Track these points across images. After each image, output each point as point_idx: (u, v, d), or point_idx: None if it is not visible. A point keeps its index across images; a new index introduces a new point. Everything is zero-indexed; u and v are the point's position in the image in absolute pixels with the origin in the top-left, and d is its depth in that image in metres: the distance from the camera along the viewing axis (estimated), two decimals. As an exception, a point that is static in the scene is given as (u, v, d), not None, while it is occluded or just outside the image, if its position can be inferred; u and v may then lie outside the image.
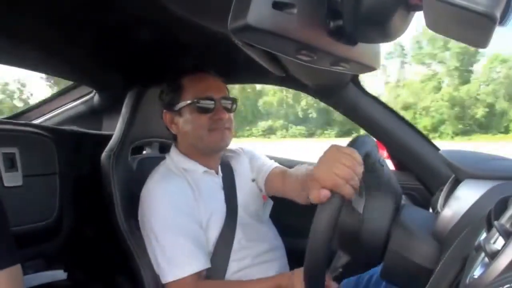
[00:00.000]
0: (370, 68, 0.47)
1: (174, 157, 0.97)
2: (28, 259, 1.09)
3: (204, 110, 0.91)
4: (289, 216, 1.10)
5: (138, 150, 1.16)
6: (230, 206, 0.96)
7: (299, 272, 0.74)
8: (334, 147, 0.65)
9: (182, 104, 0.93)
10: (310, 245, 0.58)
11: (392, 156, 1.29)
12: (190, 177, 0.94)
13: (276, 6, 0.34)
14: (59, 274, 1.20)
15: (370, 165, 0.67)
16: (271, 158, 1.13)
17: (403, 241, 0.64)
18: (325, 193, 0.58)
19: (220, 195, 0.97)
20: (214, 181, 0.98)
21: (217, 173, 1.00)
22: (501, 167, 0.67)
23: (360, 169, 0.62)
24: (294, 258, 1.07)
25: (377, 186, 0.68)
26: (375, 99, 1.12)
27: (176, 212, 0.87)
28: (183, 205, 0.88)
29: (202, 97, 0.91)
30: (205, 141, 0.92)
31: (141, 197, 0.92)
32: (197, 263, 0.85)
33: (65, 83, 1.51)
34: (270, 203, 1.06)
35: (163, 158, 1.00)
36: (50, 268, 1.18)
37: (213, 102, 0.92)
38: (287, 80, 1.16)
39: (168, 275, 0.84)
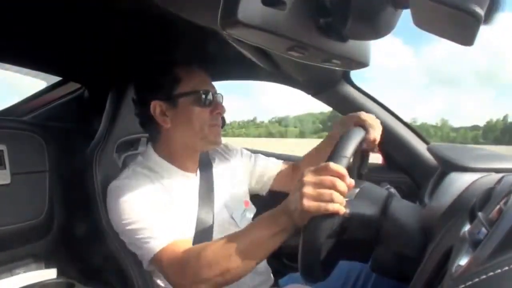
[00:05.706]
0: (361, 64, 0.48)
1: (150, 157, 0.91)
2: (18, 259, 1.07)
3: (205, 103, 0.88)
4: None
5: (129, 147, 1.14)
6: (204, 210, 0.90)
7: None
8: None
9: (179, 94, 0.88)
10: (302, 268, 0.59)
11: (381, 150, 1.32)
12: (162, 179, 0.87)
13: (266, 2, 0.34)
14: (50, 273, 1.18)
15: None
16: (269, 155, 1.13)
17: (392, 233, 0.66)
18: None
19: (195, 199, 0.91)
20: (189, 184, 0.92)
21: (195, 174, 0.95)
22: (485, 160, 0.69)
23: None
24: (276, 257, 1.08)
25: (359, 196, 0.68)
26: (366, 94, 1.14)
27: (143, 208, 0.80)
28: (151, 204, 0.81)
29: (202, 89, 0.88)
30: (205, 136, 0.88)
31: (107, 193, 0.85)
32: (180, 233, 0.79)
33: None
34: (253, 209, 1.01)
35: None
36: (41, 268, 1.16)
37: (211, 95, 0.89)
38: (279, 76, 1.17)
39: (151, 250, 0.77)
